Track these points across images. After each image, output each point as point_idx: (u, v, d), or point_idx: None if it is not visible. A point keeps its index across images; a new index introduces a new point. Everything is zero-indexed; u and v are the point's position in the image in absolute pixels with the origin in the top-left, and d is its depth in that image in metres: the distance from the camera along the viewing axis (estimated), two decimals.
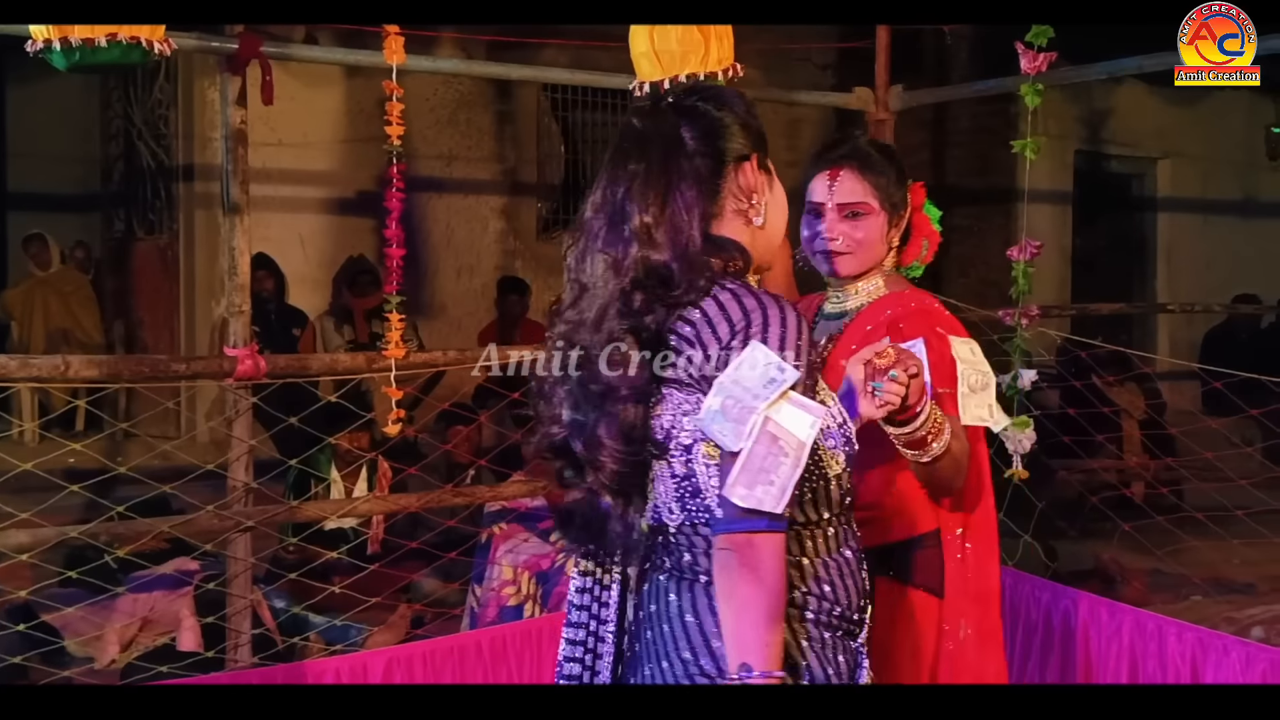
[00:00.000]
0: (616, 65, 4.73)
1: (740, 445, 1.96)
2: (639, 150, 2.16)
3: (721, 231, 2.18)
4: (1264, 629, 5.98)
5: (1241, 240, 12.15)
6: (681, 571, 2.13)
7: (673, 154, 2.16)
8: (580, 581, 2.29)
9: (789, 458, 1.94)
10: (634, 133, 2.20)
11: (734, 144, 2.21)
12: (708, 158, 2.18)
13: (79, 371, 4.16)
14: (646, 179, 2.13)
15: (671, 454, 2.09)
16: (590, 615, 2.28)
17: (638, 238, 2.10)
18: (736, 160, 2.20)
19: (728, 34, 4.10)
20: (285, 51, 4.64)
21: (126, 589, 5.30)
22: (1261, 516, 5.74)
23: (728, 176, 2.19)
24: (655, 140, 2.17)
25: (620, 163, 2.17)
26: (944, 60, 10.82)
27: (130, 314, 10.34)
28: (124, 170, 10.30)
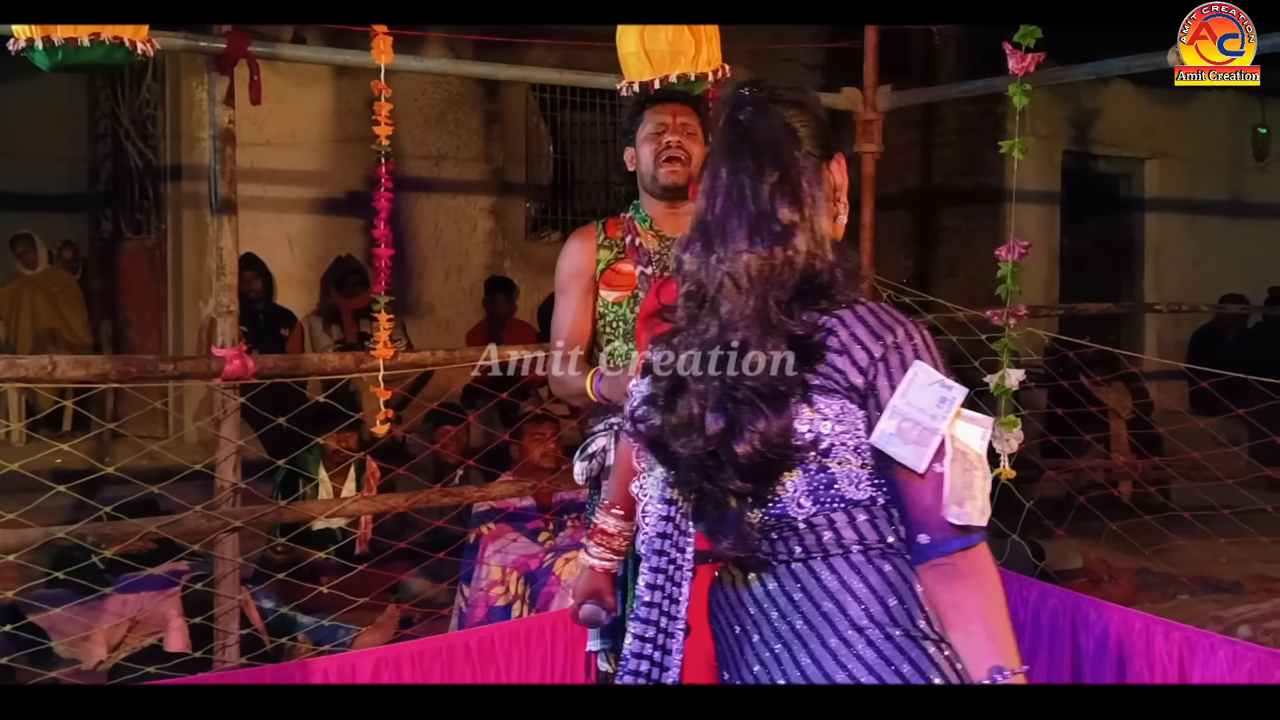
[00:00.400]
0: (604, 65, 4.73)
1: (923, 466, 2.02)
2: (759, 147, 2.15)
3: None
4: (1250, 628, 6.00)
5: (1228, 240, 12.18)
6: (826, 550, 2.14)
7: (793, 151, 2.16)
8: (651, 578, 2.30)
9: (978, 471, 2.02)
10: (744, 128, 2.18)
11: (830, 140, 2.23)
12: (814, 156, 2.19)
13: (66, 372, 4.15)
14: (782, 178, 2.13)
15: (810, 456, 2.10)
16: (661, 612, 2.30)
17: (786, 239, 2.10)
18: (830, 157, 2.23)
19: (716, 34, 4.10)
20: (273, 51, 4.63)
21: (114, 590, 5.29)
22: (1248, 516, 5.75)
23: (826, 174, 2.21)
24: (774, 136, 2.16)
25: (739, 160, 2.15)
26: (932, 60, 10.83)
27: (118, 314, 10.32)
28: (111, 170, 10.28)
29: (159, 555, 5.46)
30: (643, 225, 3.71)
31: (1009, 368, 4.94)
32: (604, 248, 3.70)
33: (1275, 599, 6.56)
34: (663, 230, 3.71)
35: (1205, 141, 12.06)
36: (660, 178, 3.66)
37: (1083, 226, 11.90)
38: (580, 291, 3.71)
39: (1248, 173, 12.46)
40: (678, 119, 3.71)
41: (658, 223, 3.71)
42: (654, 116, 3.72)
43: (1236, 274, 11.66)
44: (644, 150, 3.69)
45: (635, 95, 3.97)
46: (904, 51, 10.46)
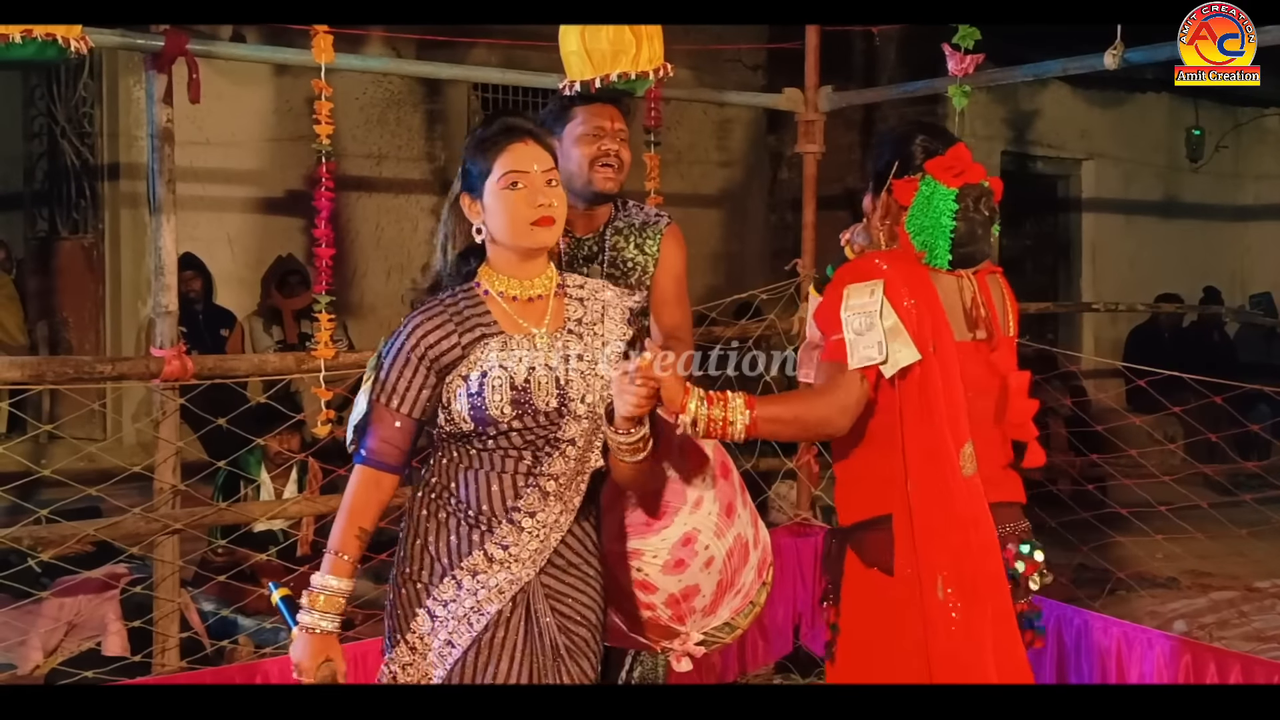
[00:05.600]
0: (546, 65, 4.73)
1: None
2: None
3: None
4: (1186, 622, 6.09)
5: (1164, 241, 12.34)
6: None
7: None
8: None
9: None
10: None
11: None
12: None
13: (2, 373, 4.10)
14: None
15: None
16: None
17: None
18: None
19: (658, 34, 4.10)
20: (212, 49, 4.58)
21: (51, 593, 5.23)
22: (1183, 512, 5.84)
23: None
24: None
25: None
26: (873, 61, 10.90)
27: (54, 314, 10.18)
28: (47, 169, 10.14)
29: (97, 558, 5.40)
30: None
31: None
32: None
33: (1210, 594, 6.66)
34: (574, 230, 3.70)
35: (1141, 143, 12.22)
36: (595, 183, 3.64)
37: (1021, 226, 12.00)
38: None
39: (1182, 174, 12.62)
40: (615, 124, 3.70)
41: (571, 223, 3.57)
42: (590, 118, 3.69)
43: (1172, 274, 11.82)
44: (577, 151, 3.65)
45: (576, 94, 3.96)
46: (845, 53, 10.52)
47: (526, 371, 2.73)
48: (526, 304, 2.81)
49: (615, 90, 3.99)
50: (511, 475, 2.77)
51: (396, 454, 2.81)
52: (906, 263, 2.99)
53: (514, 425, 2.73)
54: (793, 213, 9.68)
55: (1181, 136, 12.56)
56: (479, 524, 2.77)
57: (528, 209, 2.75)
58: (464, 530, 2.78)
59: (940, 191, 2.98)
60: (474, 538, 2.77)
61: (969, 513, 2.92)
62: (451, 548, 2.78)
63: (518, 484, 2.78)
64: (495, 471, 2.77)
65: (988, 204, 3.04)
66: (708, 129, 11.70)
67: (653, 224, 3.79)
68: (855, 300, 2.88)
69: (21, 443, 5.52)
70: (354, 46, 7.29)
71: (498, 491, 2.77)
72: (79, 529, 4.27)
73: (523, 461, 2.77)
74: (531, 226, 2.75)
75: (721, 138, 11.86)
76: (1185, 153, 12.60)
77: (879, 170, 3.12)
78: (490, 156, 2.80)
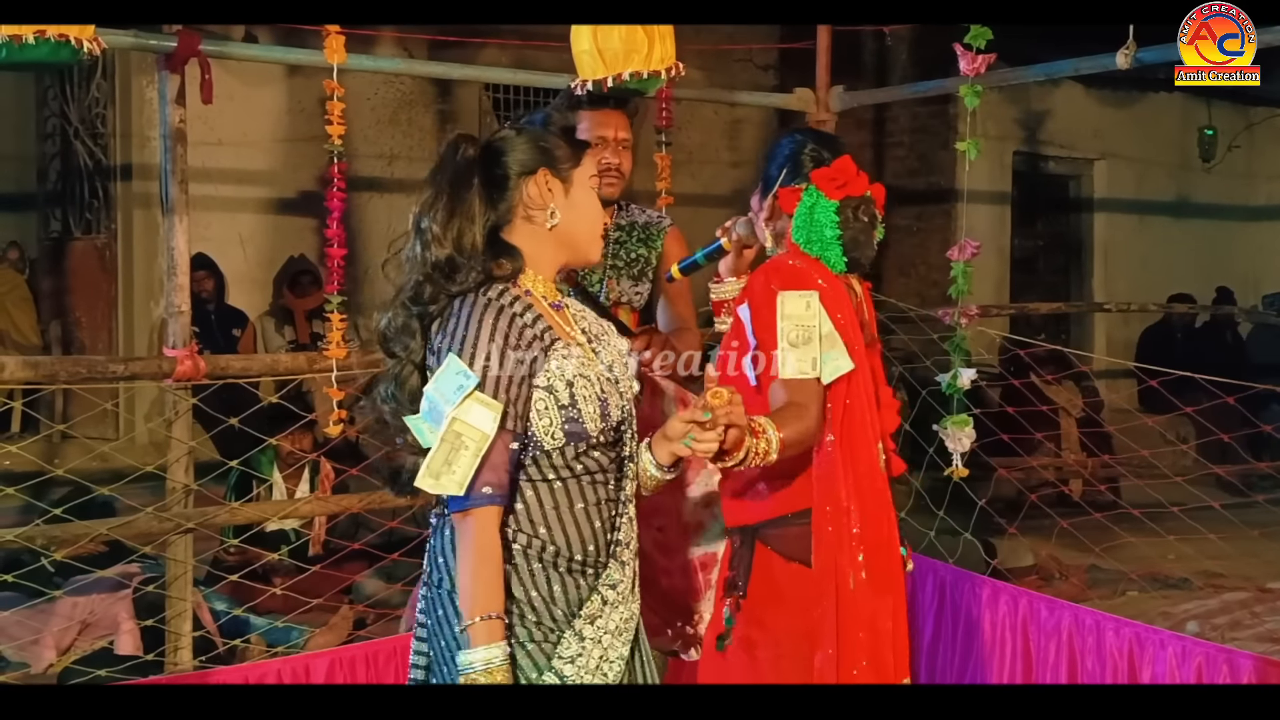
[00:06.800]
0: (558, 65, 4.73)
1: (436, 441, 2.37)
2: (432, 173, 2.56)
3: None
4: (1199, 623, 6.07)
5: (1176, 241, 12.31)
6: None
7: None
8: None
9: (469, 450, 2.35)
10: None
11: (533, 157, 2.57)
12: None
13: (15, 373, 4.11)
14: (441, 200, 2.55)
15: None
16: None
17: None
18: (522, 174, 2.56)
19: (670, 33, 4.11)
20: (224, 50, 4.59)
21: (64, 592, 5.24)
22: (1196, 512, 5.82)
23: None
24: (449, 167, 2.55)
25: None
26: (884, 61, 10.89)
27: (67, 315, 10.21)
28: (60, 169, 10.17)
29: (110, 557, 5.42)
30: None
31: (961, 367, 4.97)
32: None
33: (1222, 595, 6.64)
34: None
35: (1153, 143, 12.19)
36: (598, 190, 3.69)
37: (1033, 227, 12.00)
38: None
39: (1194, 174, 12.59)
40: (618, 134, 3.73)
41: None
42: (594, 127, 3.73)
43: (1184, 274, 11.79)
44: None
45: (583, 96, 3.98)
46: (856, 52, 10.52)
47: (598, 380, 2.51)
48: (557, 311, 2.58)
49: (626, 90, 4.00)
50: (603, 504, 2.52)
51: (510, 482, 2.45)
52: (821, 268, 3.03)
53: (601, 440, 2.50)
54: None
55: (1194, 136, 12.53)
56: (584, 570, 2.48)
57: (601, 216, 2.67)
58: (570, 580, 2.46)
59: (822, 203, 3.04)
60: (582, 583, 2.47)
61: (882, 506, 3.01)
62: (558, 598, 2.46)
63: (611, 513, 2.53)
64: (589, 504, 2.49)
65: (868, 211, 3.09)
66: (719, 129, 11.70)
67: (655, 224, 3.87)
68: (790, 309, 2.92)
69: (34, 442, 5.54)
70: (366, 47, 7.29)
71: (600, 527, 2.50)
72: (92, 528, 4.28)
73: (608, 486, 2.53)
74: (599, 235, 2.68)
75: (733, 138, 11.86)
76: (1198, 152, 12.57)
77: (769, 174, 3.18)
78: (579, 150, 2.64)
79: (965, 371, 4.97)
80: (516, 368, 2.41)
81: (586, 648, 2.45)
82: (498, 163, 2.56)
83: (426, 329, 2.51)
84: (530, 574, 2.44)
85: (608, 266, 3.74)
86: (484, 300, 2.45)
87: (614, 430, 2.54)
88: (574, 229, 2.59)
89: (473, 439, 2.34)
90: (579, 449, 2.47)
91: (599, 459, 2.51)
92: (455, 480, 2.34)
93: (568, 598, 2.45)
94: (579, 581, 2.46)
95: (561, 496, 2.47)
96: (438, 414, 2.38)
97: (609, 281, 3.69)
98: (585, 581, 2.47)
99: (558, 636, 2.44)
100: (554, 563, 2.45)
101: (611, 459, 2.54)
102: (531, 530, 2.45)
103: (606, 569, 2.50)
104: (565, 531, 2.47)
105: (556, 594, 2.44)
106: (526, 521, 2.46)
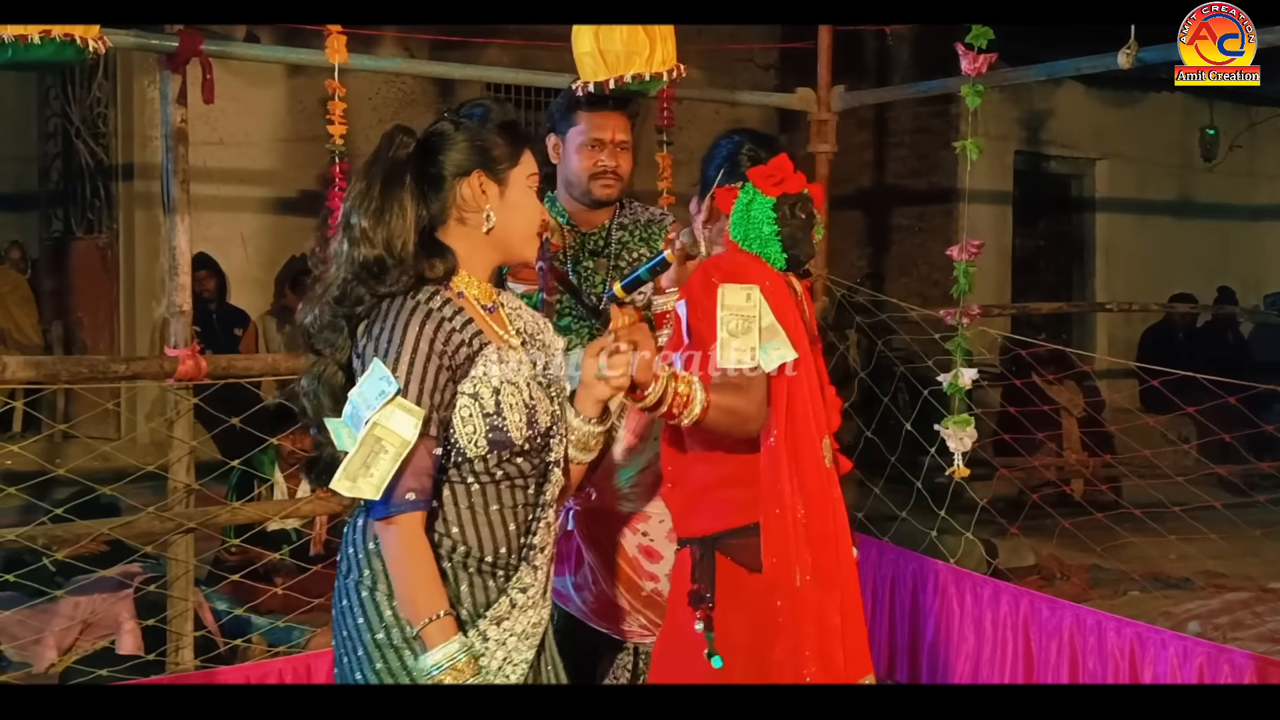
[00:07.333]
0: (559, 65, 4.74)
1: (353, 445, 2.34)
2: (366, 166, 2.51)
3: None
4: (1200, 623, 6.07)
5: (1177, 240, 12.30)
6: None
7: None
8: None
9: (388, 454, 2.31)
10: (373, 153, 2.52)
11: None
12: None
13: (16, 373, 4.11)
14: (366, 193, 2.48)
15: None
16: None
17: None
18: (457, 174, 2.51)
19: (671, 34, 4.11)
20: (226, 50, 4.59)
21: (65, 592, 5.25)
22: (1197, 512, 5.82)
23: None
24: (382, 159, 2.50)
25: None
26: (886, 61, 10.89)
27: (69, 314, 10.22)
28: (62, 169, 10.18)
29: (111, 557, 5.42)
30: (560, 220, 3.75)
31: (962, 366, 4.97)
32: None
33: (1224, 595, 6.64)
34: (579, 227, 3.77)
35: (1155, 143, 12.18)
36: (594, 192, 3.72)
37: (1034, 226, 11.99)
38: None
39: (1196, 174, 12.59)
40: (616, 135, 3.73)
41: (575, 218, 3.77)
42: (592, 128, 3.74)
43: (1185, 274, 11.78)
44: (576, 158, 3.73)
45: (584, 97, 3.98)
46: (858, 52, 10.51)
47: (526, 386, 2.48)
48: (491, 313, 2.56)
49: (628, 91, 4.00)
50: (520, 508, 2.49)
51: (433, 487, 2.43)
52: (762, 265, 3.02)
53: (525, 448, 2.47)
54: None
55: (1196, 136, 12.52)
56: (494, 572, 2.47)
57: (541, 215, 2.62)
58: (479, 581, 2.45)
59: (759, 200, 3.02)
60: (491, 584, 2.46)
61: (828, 502, 3.01)
62: (464, 598, 2.44)
63: (528, 517, 2.51)
64: (505, 508, 2.48)
65: (805, 208, 3.08)
66: (720, 129, 11.50)
67: (657, 221, 3.89)
68: (731, 301, 2.91)
69: (36, 442, 5.54)
70: (367, 47, 7.29)
71: (514, 530, 2.48)
72: (93, 528, 4.28)
73: (527, 491, 2.51)
74: (536, 235, 2.62)
75: None
76: (1199, 152, 12.56)
77: (706, 176, 3.17)
78: (518, 149, 2.57)
79: (966, 371, 4.97)
80: (441, 374, 2.39)
81: (490, 648, 2.43)
82: (433, 161, 2.52)
83: (354, 328, 2.47)
84: (440, 573, 2.42)
85: (610, 266, 3.73)
86: (412, 304, 2.42)
87: (541, 437, 2.51)
88: (509, 231, 2.55)
89: (392, 444, 2.32)
90: (502, 456, 2.46)
91: (521, 465, 2.49)
92: (372, 484, 2.32)
93: (474, 599, 2.44)
94: (488, 583, 2.46)
95: (478, 499, 2.46)
96: (358, 419, 2.36)
97: (611, 281, 3.69)
98: (495, 583, 2.46)
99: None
100: (463, 563, 2.45)
101: (535, 465, 2.52)
102: (444, 529, 2.45)
103: (518, 572, 2.48)
104: (478, 533, 2.46)
105: (464, 593, 2.44)
106: (440, 521, 2.45)
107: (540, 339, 2.62)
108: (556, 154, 3.77)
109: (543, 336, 2.63)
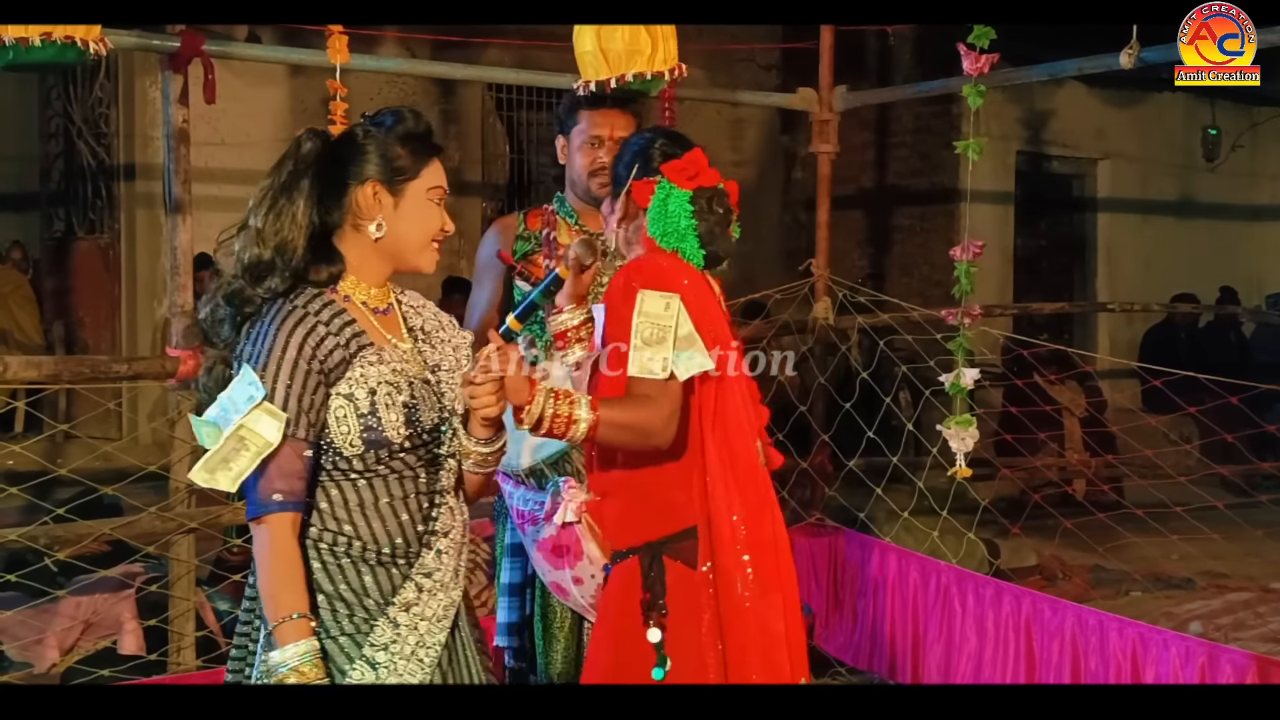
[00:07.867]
0: (560, 65, 4.73)
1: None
2: (274, 166, 2.51)
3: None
4: (1202, 623, 6.06)
5: (1179, 240, 12.30)
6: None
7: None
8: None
9: (249, 452, 2.36)
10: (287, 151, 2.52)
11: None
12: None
13: (18, 373, 4.11)
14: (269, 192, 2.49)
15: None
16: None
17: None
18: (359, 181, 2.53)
19: (672, 34, 4.11)
20: (227, 50, 4.60)
21: (67, 592, 5.24)
22: (1199, 512, 5.82)
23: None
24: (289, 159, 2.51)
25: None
26: (887, 61, 10.89)
27: (70, 314, 10.23)
28: (63, 169, 10.19)
29: (113, 557, 5.41)
30: (567, 219, 3.75)
31: (964, 367, 4.97)
32: (522, 239, 3.76)
33: (1226, 595, 6.64)
34: (586, 225, 3.76)
35: (1157, 143, 12.19)
36: (594, 190, 3.71)
37: (1036, 226, 12.00)
38: (493, 281, 3.78)
39: (1198, 174, 12.59)
40: (615, 133, 3.71)
41: (582, 218, 3.77)
42: (591, 126, 3.73)
43: (1187, 274, 11.78)
44: (577, 156, 3.73)
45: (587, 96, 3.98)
46: (859, 52, 10.52)
47: (409, 386, 2.50)
48: (382, 315, 2.58)
49: (629, 91, 4.00)
50: (411, 498, 2.52)
51: (305, 488, 2.45)
52: (684, 266, 3.00)
53: (406, 445, 2.49)
54: (806, 212, 9.67)
55: (1198, 136, 12.53)
56: (394, 561, 2.49)
57: (439, 227, 2.61)
58: (381, 571, 2.48)
59: (675, 194, 3.00)
60: (394, 573, 2.49)
61: (765, 506, 2.98)
62: (370, 589, 2.48)
63: (424, 505, 2.54)
64: (396, 499, 2.50)
65: (721, 203, 3.05)
66: (721, 129, 11.70)
67: None
68: (649, 308, 2.87)
69: (38, 442, 5.53)
70: (369, 47, 7.29)
71: (408, 520, 2.51)
72: (95, 528, 4.29)
73: (417, 480, 2.53)
74: (432, 244, 2.61)
75: (735, 138, 11.86)
76: (1201, 152, 12.57)
77: (618, 174, 3.14)
78: (421, 161, 2.57)
79: (968, 371, 4.96)
80: (310, 378, 2.42)
81: (401, 634, 2.47)
82: (339, 166, 2.54)
83: (242, 325, 2.50)
84: (339, 569, 2.47)
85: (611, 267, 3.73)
86: (289, 308, 2.46)
87: (427, 433, 2.53)
88: (399, 242, 2.56)
89: (255, 444, 2.36)
90: (380, 455, 2.47)
91: (406, 459, 2.51)
92: (230, 477, 2.36)
93: (380, 588, 2.47)
94: (390, 572, 2.49)
95: (366, 493, 2.49)
96: (227, 421, 2.38)
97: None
98: (398, 571, 2.49)
99: (370, 625, 2.46)
100: (361, 556, 2.48)
101: (420, 458, 2.53)
102: (336, 527, 2.48)
103: (420, 559, 2.51)
104: (370, 526, 2.49)
105: (368, 585, 2.47)
106: (331, 519, 2.48)
107: (439, 335, 2.65)
108: (563, 154, 3.77)
109: (442, 333, 2.66)
